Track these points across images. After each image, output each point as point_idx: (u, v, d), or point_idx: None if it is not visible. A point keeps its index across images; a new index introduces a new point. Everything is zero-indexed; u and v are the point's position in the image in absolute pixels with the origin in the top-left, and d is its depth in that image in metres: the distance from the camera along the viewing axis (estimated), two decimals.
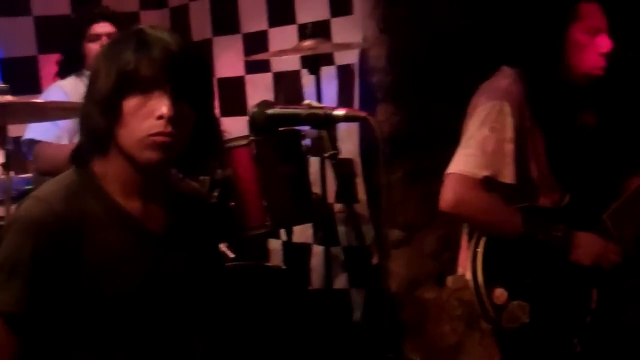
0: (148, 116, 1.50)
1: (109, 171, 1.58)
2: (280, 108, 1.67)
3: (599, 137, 2.52)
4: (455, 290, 3.34)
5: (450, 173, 2.25)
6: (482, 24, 3.31)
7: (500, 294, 2.20)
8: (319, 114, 1.58)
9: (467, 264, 2.29)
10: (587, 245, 2.29)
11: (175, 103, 1.50)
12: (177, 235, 1.65)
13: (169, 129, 1.50)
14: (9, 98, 2.81)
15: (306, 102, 1.63)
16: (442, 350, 3.42)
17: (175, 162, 1.59)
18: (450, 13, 3.31)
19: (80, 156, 1.59)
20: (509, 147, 2.22)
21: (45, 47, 3.75)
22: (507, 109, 2.24)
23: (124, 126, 1.51)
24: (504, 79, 2.34)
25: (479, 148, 2.22)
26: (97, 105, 1.52)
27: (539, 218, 2.29)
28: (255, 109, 1.69)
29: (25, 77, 3.66)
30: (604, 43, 2.27)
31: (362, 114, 1.58)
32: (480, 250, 2.23)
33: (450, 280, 3.34)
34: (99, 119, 1.51)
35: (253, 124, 1.70)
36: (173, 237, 1.64)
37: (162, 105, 1.49)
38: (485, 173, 2.21)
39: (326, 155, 1.61)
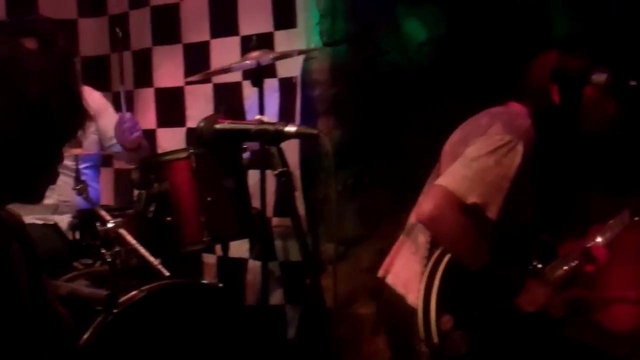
0: None
1: None
2: (230, 123, 1.62)
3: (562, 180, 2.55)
4: None
5: (441, 186, 2.21)
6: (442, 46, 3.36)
7: (447, 320, 2.19)
8: (270, 130, 1.54)
9: (418, 286, 2.27)
10: (534, 294, 2.30)
11: None
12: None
13: None
14: None
15: (257, 117, 1.59)
16: None
17: None
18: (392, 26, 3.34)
19: None
20: (506, 186, 2.20)
21: None
22: (521, 149, 2.21)
23: None
24: (523, 118, 2.32)
25: (479, 174, 2.19)
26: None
27: (501, 255, 2.29)
28: (202, 123, 1.63)
29: None
30: None
31: (314, 130, 1.55)
32: (439, 271, 2.23)
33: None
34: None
35: (199, 138, 1.64)
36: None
37: None
38: (474, 200, 2.18)
39: (276, 172, 1.56)
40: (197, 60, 3.57)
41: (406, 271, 2.40)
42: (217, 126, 1.61)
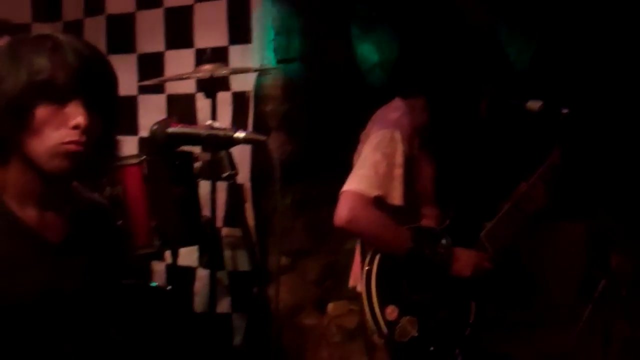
0: (61, 125, 1.48)
1: (6, 178, 1.53)
2: (182, 127, 1.70)
3: (481, 164, 2.71)
4: (335, 317, 3.45)
5: (346, 191, 2.38)
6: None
7: (392, 310, 2.34)
8: (220, 135, 1.62)
9: (361, 283, 2.40)
10: (465, 258, 2.50)
11: (88, 112, 1.49)
12: (75, 245, 1.62)
13: (83, 138, 1.49)
14: None
15: (207, 122, 1.66)
16: None
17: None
18: (345, 46, 3.44)
19: None
20: (398, 172, 2.39)
21: None
22: (398, 136, 2.41)
23: (33, 134, 1.47)
24: (395, 111, 2.52)
25: (372, 169, 2.37)
26: (2, 110, 1.47)
27: (425, 236, 2.46)
28: (156, 127, 1.71)
29: None
30: None
31: (262, 137, 1.63)
32: (373, 270, 2.36)
33: (331, 306, 3.44)
34: (4, 125, 1.47)
35: (152, 142, 1.71)
36: (71, 247, 1.61)
37: (78, 115, 1.48)
38: (376, 193, 2.35)
39: (224, 175, 1.64)
40: (151, 71, 3.60)
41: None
42: (170, 130, 1.69)
